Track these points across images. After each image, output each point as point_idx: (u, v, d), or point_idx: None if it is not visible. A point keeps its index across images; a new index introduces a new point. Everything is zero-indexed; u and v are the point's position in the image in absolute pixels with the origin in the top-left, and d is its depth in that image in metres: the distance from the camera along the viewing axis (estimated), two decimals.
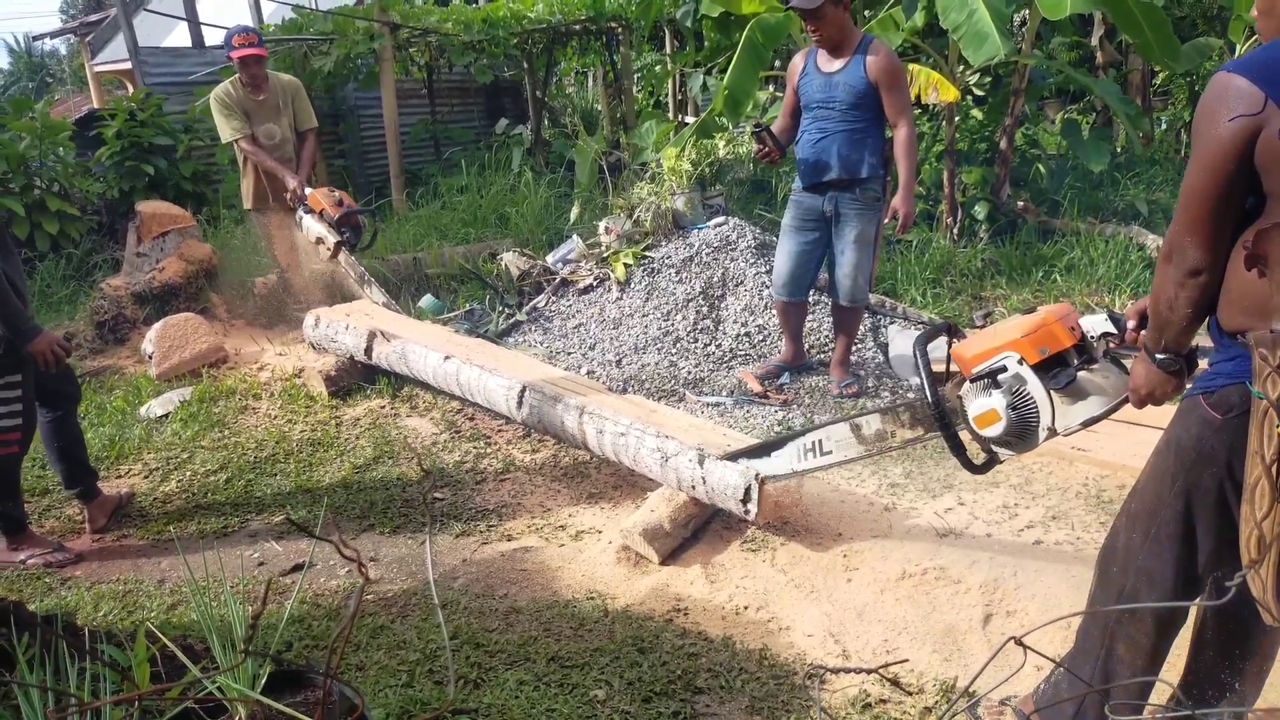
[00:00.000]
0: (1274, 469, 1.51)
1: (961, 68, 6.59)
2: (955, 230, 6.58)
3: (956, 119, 6.68)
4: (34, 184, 6.67)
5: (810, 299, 5.24)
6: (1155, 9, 5.90)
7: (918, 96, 5.87)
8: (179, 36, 10.70)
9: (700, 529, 3.25)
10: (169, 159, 7.46)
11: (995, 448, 2.21)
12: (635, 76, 10.79)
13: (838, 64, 4.06)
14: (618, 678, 2.46)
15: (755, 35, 5.81)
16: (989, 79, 7.29)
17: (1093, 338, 2.08)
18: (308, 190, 5.47)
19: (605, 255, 5.77)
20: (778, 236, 4.58)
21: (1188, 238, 1.61)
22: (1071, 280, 5.75)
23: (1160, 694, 2.11)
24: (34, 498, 3.87)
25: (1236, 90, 1.50)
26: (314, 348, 4.97)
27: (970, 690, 2.32)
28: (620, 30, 9.80)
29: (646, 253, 5.67)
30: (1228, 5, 5.83)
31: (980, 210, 6.69)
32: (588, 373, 4.78)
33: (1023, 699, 2.18)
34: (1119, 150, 8.37)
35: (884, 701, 2.36)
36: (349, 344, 4.64)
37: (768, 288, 5.17)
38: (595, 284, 5.67)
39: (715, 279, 5.41)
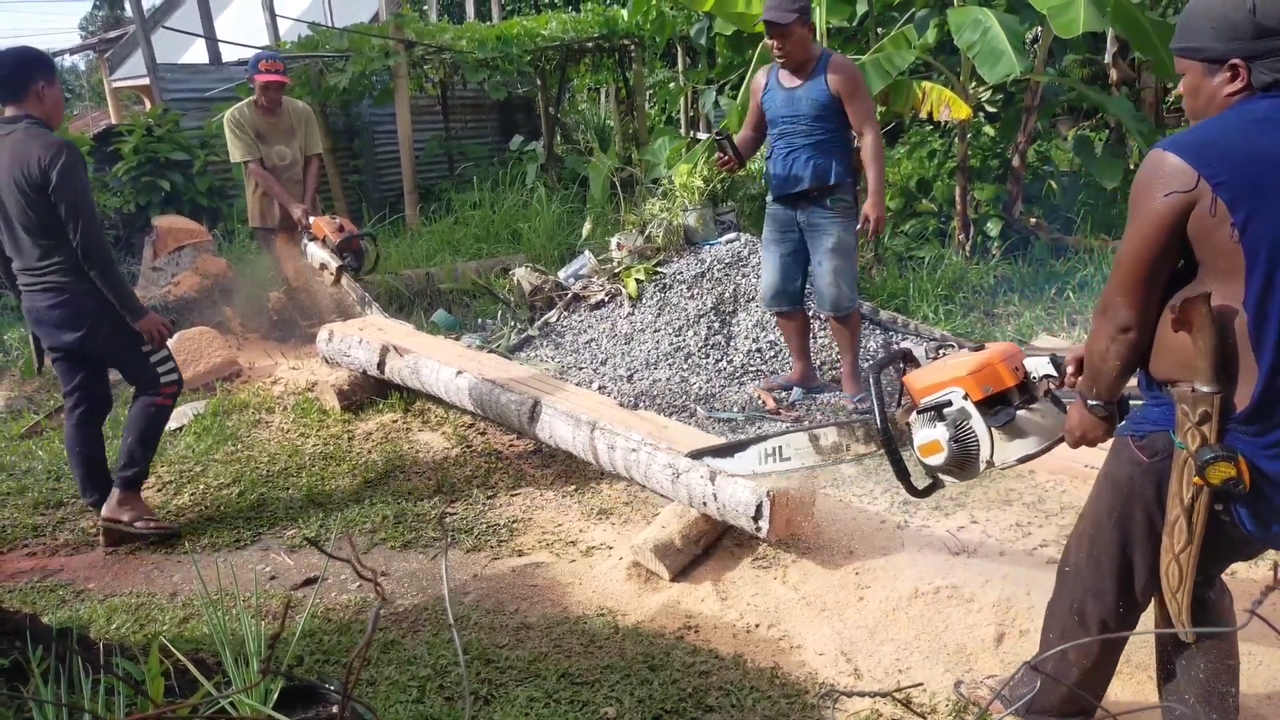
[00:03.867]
0: (1191, 511, 1.69)
1: (974, 84, 6.60)
2: (967, 247, 6.57)
3: (969, 136, 6.68)
4: None
5: (815, 314, 5.26)
6: (1169, 26, 5.90)
7: (930, 114, 5.88)
8: (196, 53, 10.82)
9: (711, 546, 3.24)
10: (185, 174, 7.53)
11: (938, 474, 2.33)
12: (648, 93, 10.84)
13: (799, 80, 4.16)
14: (628, 695, 2.45)
15: (767, 53, 5.84)
16: (1001, 96, 7.29)
17: (1035, 378, 2.19)
18: (311, 218, 5.59)
19: (617, 271, 5.79)
20: None
21: (1120, 298, 1.74)
22: (1084, 298, 5.73)
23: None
24: (48, 510, 3.90)
25: (1172, 168, 1.62)
26: (327, 362, 5.00)
27: (985, 713, 2.31)
28: (633, 47, 9.86)
29: (658, 268, 5.68)
30: None
31: (993, 227, 6.68)
32: (599, 388, 4.79)
33: (1000, 680, 2.35)
34: (1132, 167, 8.35)
35: None
36: (362, 358, 4.66)
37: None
38: (607, 299, 5.68)
39: (727, 295, 5.42)
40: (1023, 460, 2.17)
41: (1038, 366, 2.19)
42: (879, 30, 6.72)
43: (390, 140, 9.24)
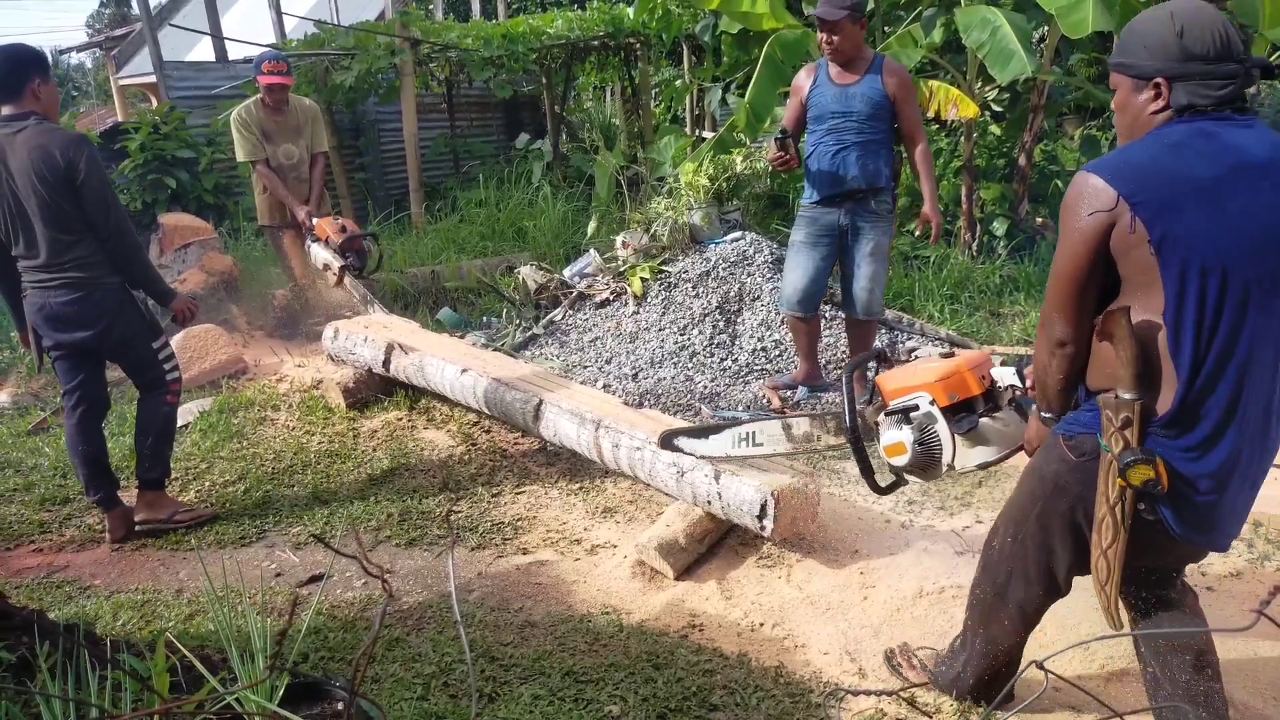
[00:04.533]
0: (1116, 509, 1.78)
1: (980, 83, 6.58)
2: (973, 246, 6.56)
3: (975, 135, 6.67)
4: None
5: (826, 314, 5.25)
6: None
7: (936, 113, 5.87)
8: (203, 51, 10.84)
9: (716, 544, 3.24)
10: (191, 172, 7.55)
11: (902, 473, 2.41)
12: (653, 91, 10.84)
13: (853, 77, 4.13)
14: (632, 694, 2.45)
15: (775, 51, 5.84)
16: (1007, 95, 7.27)
17: (1000, 387, 2.26)
18: (314, 219, 5.60)
19: (622, 269, 5.79)
20: None
21: (1055, 314, 1.85)
22: None
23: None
24: (55, 506, 3.91)
25: (1094, 188, 1.72)
26: (332, 360, 5.01)
27: (991, 713, 2.30)
28: (638, 46, 9.86)
29: (663, 267, 5.68)
30: (1250, 24, 5.80)
31: (999, 226, 6.67)
32: (604, 386, 4.79)
33: (927, 656, 2.46)
34: None
35: None
36: (367, 356, 4.67)
37: (779, 304, 5.18)
38: (612, 298, 5.68)
39: (732, 294, 5.42)
40: (982, 466, 2.26)
41: (1003, 376, 2.26)
42: (885, 29, 6.72)
43: (396, 138, 9.26)
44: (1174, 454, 1.75)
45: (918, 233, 4.35)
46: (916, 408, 2.27)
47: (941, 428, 2.24)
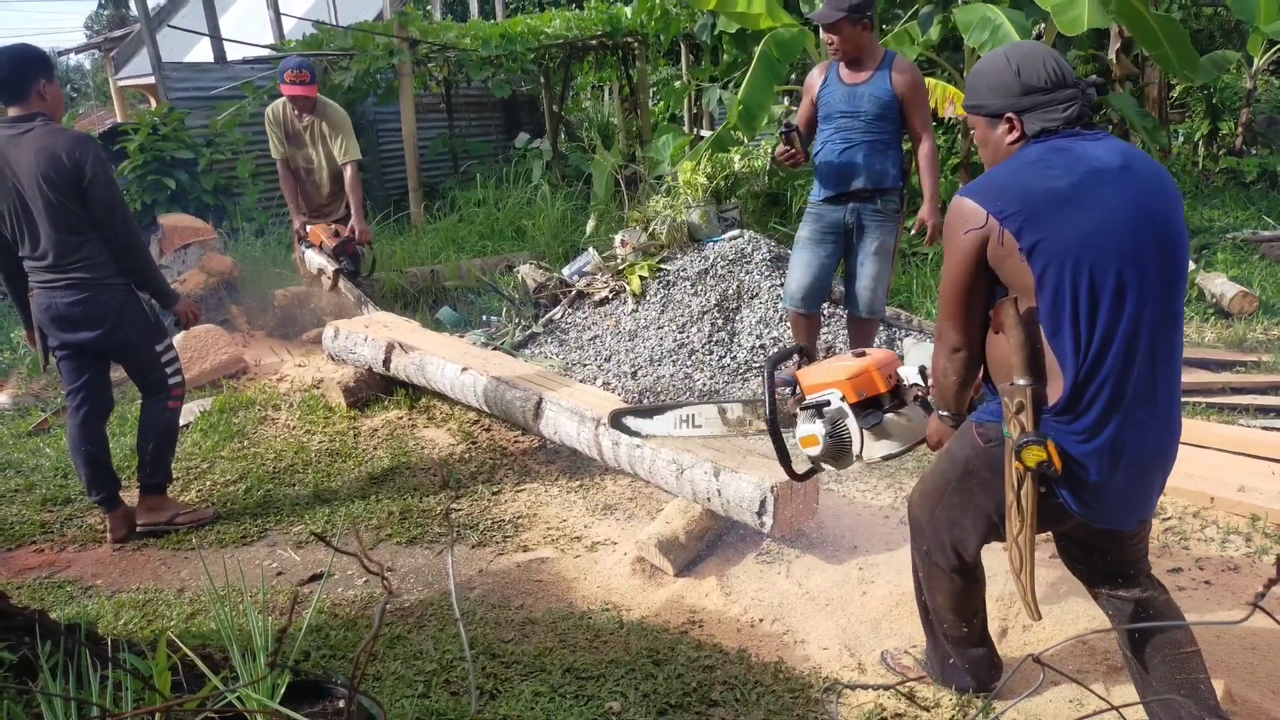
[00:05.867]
0: (1019, 495, 1.90)
1: None
2: None
3: (971, 132, 6.68)
4: None
5: (825, 311, 5.26)
6: (1173, 22, 5.90)
7: (934, 110, 5.88)
8: (202, 52, 10.83)
9: (715, 541, 3.25)
10: (191, 172, 7.55)
11: (817, 462, 2.57)
12: (651, 90, 10.85)
13: (862, 76, 4.09)
14: (633, 689, 2.46)
15: (770, 50, 5.84)
16: None
17: (906, 386, 2.44)
18: (308, 226, 5.63)
19: (621, 268, 5.80)
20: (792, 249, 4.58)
21: (946, 323, 2.03)
22: None
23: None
24: (56, 506, 3.92)
25: (967, 209, 1.90)
26: (333, 359, 5.02)
27: (989, 705, 2.31)
28: (636, 45, 9.86)
29: (662, 265, 5.69)
30: (1246, 19, 5.81)
31: None
32: (603, 385, 4.80)
33: (919, 651, 2.53)
34: None
35: (899, 716, 2.35)
36: (367, 355, 4.68)
37: (782, 300, 5.18)
38: (611, 296, 5.69)
39: (730, 292, 5.42)
40: (886, 458, 2.43)
41: (908, 375, 2.44)
42: (883, 27, 6.72)
43: (395, 138, 9.26)
44: (1066, 437, 1.87)
45: (914, 232, 4.33)
46: (829, 403, 2.44)
47: (850, 422, 2.41)
